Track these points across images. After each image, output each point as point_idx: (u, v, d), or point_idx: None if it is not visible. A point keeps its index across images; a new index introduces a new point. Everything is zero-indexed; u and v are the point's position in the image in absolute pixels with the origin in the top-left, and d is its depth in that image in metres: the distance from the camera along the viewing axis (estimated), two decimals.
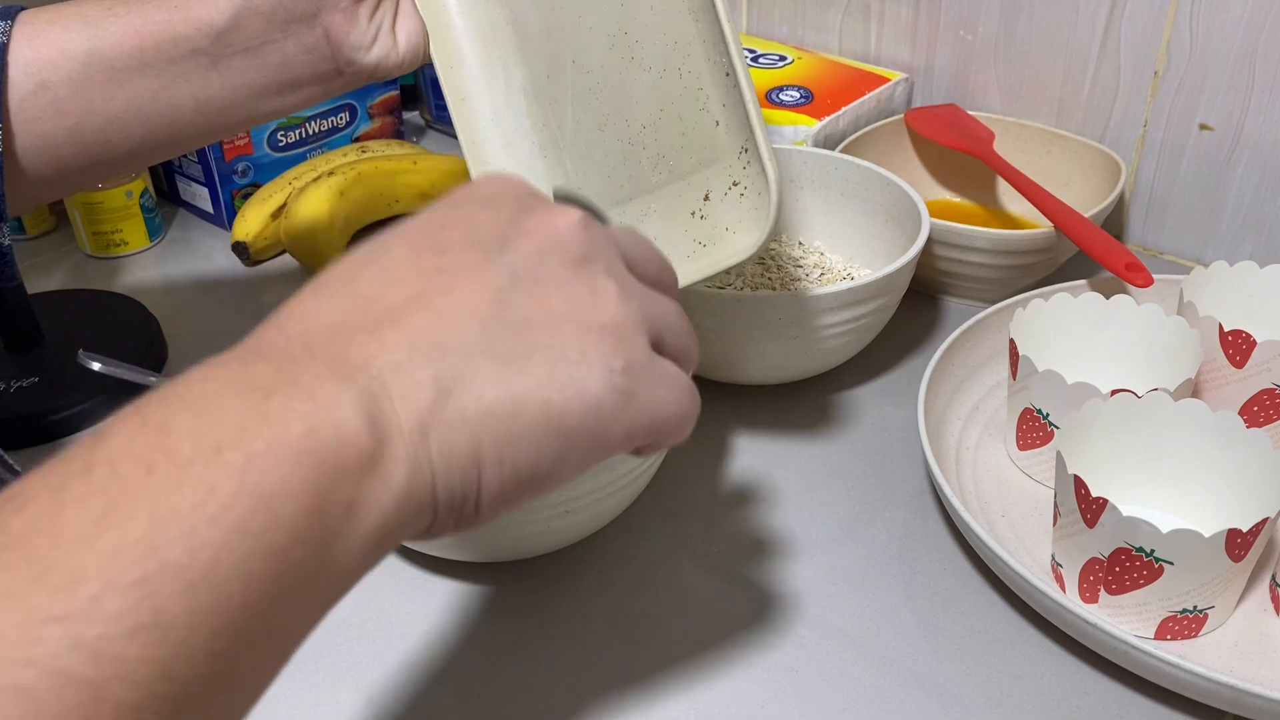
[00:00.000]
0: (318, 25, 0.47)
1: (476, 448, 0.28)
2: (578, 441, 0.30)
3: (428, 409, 0.27)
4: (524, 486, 0.30)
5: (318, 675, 0.46)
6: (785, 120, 0.75)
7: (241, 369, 0.26)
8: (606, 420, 0.30)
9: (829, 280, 0.67)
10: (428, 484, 0.27)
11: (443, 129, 0.94)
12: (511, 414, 0.28)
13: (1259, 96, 0.68)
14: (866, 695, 0.45)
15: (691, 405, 0.35)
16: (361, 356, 0.27)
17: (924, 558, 0.52)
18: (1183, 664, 0.42)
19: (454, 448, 0.28)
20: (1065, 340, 0.57)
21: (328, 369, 0.26)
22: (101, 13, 0.47)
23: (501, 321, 0.29)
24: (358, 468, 0.25)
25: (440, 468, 0.27)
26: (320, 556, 0.25)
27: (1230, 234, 0.73)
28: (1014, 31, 0.76)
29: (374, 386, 0.27)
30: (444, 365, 0.28)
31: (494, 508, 0.29)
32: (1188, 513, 0.50)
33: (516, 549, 0.48)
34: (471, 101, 0.49)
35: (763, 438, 0.59)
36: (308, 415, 0.25)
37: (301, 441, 0.24)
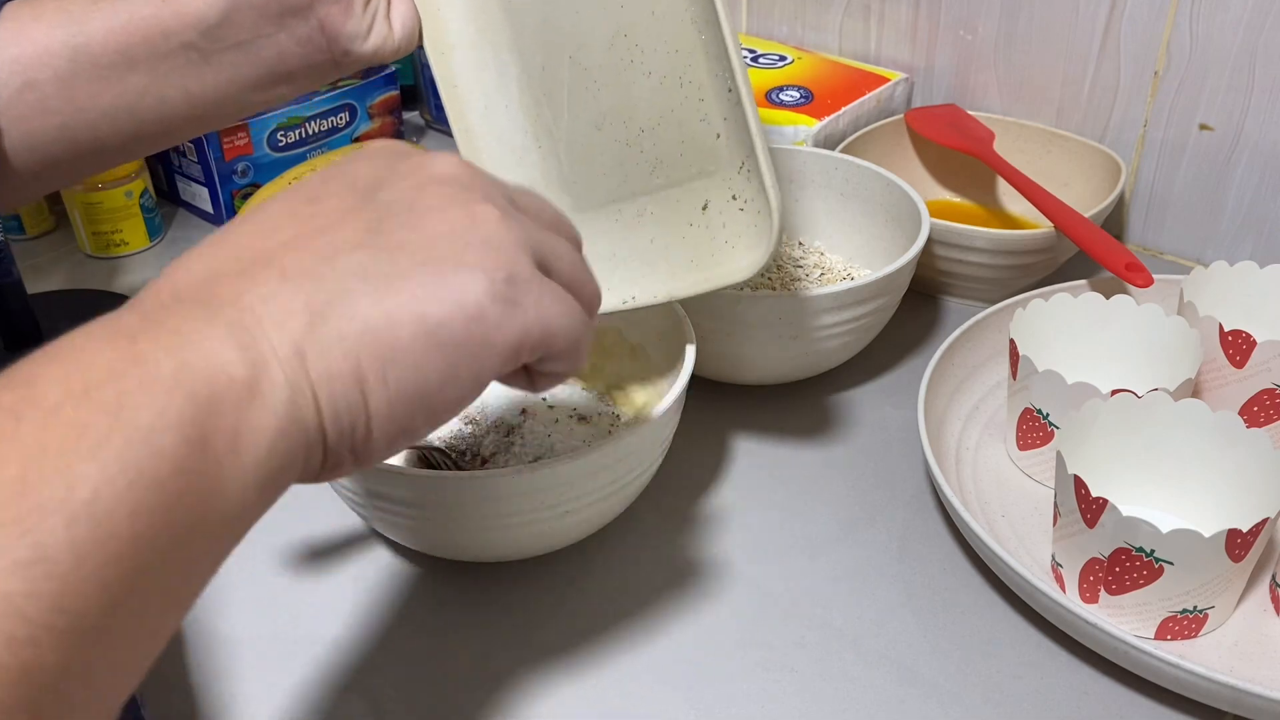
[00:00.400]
0: (312, 17, 0.46)
1: (356, 367, 0.28)
2: (464, 353, 0.29)
3: (301, 333, 0.27)
4: (414, 406, 0.29)
5: (316, 674, 0.46)
6: (785, 120, 0.75)
7: (109, 322, 0.25)
8: (490, 328, 0.30)
9: (829, 280, 0.67)
10: (311, 409, 0.27)
11: (443, 129, 0.94)
12: (388, 329, 0.28)
13: (1259, 96, 0.68)
14: (866, 695, 0.45)
15: (583, 327, 0.33)
16: (231, 294, 0.27)
17: (924, 558, 0.52)
18: (1183, 664, 0.42)
19: (333, 369, 0.27)
20: (1065, 340, 0.57)
21: (196, 310, 0.26)
22: (85, 6, 0.45)
23: (375, 247, 0.29)
24: (234, 396, 0.25)
25: (323, 391, 0.27)
26: (209, 487, 0.24)
27: (1230, 234, 0.73)
28: (1014, 31, 0.76)
29: (245, 318, 0.26)
30: (316, 291, 0.28)
31: (386, 433, 0.29)
32: (1188, 513, 0.50)
33: (517, 549, 0.48)
34: (463, 89, 0.49)
35: (763, 438, 0.59)
36: (175, 350, 0.25)
37: (174, 375, 0.24)
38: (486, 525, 0.45)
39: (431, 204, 0.31)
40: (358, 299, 0.28)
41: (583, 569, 0.51)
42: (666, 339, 0.55)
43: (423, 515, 0.46)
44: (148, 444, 0.23)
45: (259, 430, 0.26)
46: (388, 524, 0.48)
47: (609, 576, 0.51)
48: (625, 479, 0.47)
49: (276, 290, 0.27)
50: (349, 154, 0.34)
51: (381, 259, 0.29)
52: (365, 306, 0.28)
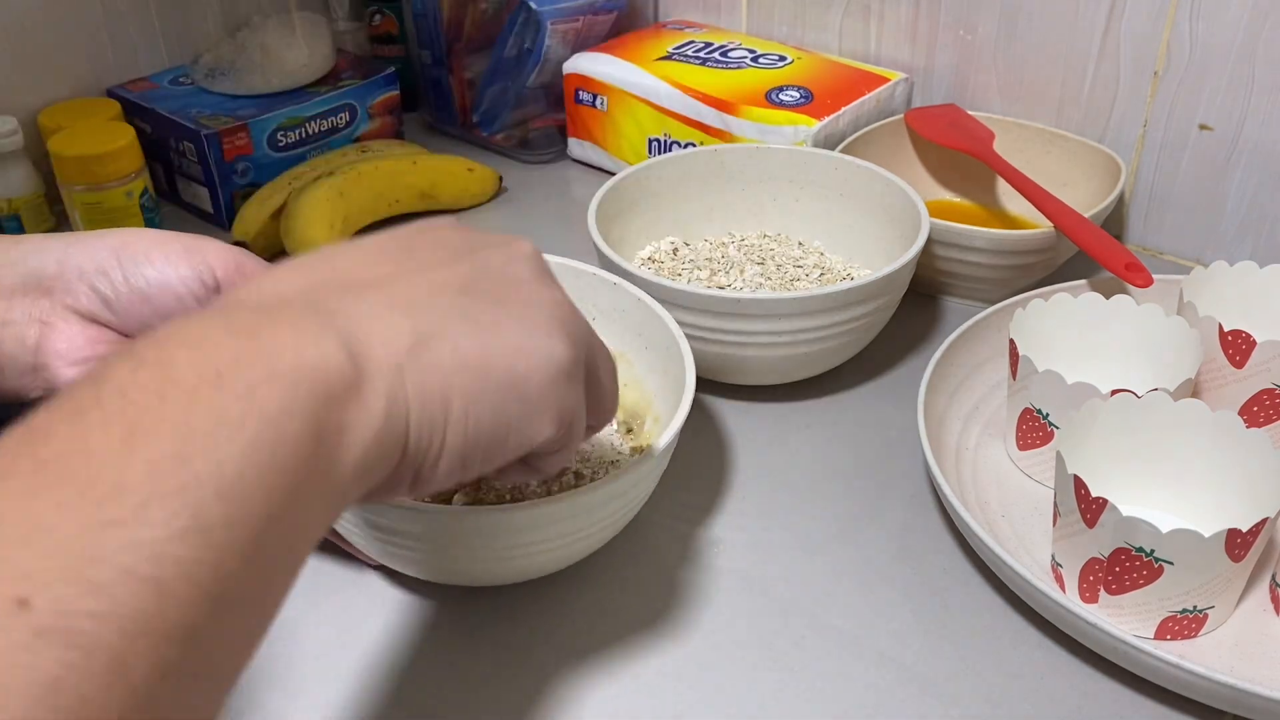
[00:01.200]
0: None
1: (446, 397, 0.30)
2: (534, 410, 0.32)
3: (404, 352, 0.29)
4: (480, 447, 0.31)
5: (322, 698, 0.46)
6: (785, 120, 0.75)
7: (222, 316, 0.27)
8: (559, 395, 0.33)
9: (829, 280, 0.67)
10: (403, 419, 0.29)
11: (443, 129, 0.94)
12: (482, 369, 0.30)
13: (1259, 96, 0.68)
14: (866, 695, 0.45)
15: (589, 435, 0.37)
16: (339, 306, 0.29)
17: (924, 558, 0.52)
18: (1183, 664, 0.42)
19: (428, 391, 0.29)
20: (1065, 340, 0.57)
21: (306, 315, 0.28)
22: None
23: (473, 294, 0.32)
24: (343, 395, 0.27)
25: (415, 407, 0.29)
26: (321, 475, 0.26)
27: (1230, 234, 0.73)
28: (1014, 31, 0.76)
29: (353, 328, 0.28)
30: (420, 319, 0.30)
31: (450, 465, 0.31)
32: (1188, 513, 0.50)
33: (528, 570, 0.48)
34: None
35: (762, 438, 0.59)
36: (294, 348, 0.26)
37: (293, 370, 0.26)
38: (480, 557, 0.45)
39: (522, 275, 0.34)
40: (458, 336, 0.30)
41: (582, 571, 0.51)
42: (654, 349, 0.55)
43: (418, 546, 0.45)
44: (276, 431, 0.25)
45: (361, 429, 0.27)
46: (382, 551, 0.47)
47: (608, 576, 0.51)
48: (623, 511, 0.47)
49: (383, 312, 0.29)
50: (430, 221, 0.36)
51: (481, 307, 0.32)
52: (465, 344, 0.30)
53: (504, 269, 0.34)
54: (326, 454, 0.26)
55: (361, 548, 0.48)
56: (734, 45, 0.84)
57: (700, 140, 0.78)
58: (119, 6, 0.84)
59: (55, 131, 0.76)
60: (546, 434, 0.33)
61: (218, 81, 0.83)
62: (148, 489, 0.22)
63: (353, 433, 0.27)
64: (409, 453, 0.30)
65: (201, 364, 0.25)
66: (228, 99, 0.82)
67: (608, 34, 0.90)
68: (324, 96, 0.83)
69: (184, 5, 0.85)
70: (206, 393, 0.24)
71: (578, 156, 0.89)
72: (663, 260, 0.69)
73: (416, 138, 0.93)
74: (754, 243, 0.71)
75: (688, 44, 0.85)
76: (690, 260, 0.69)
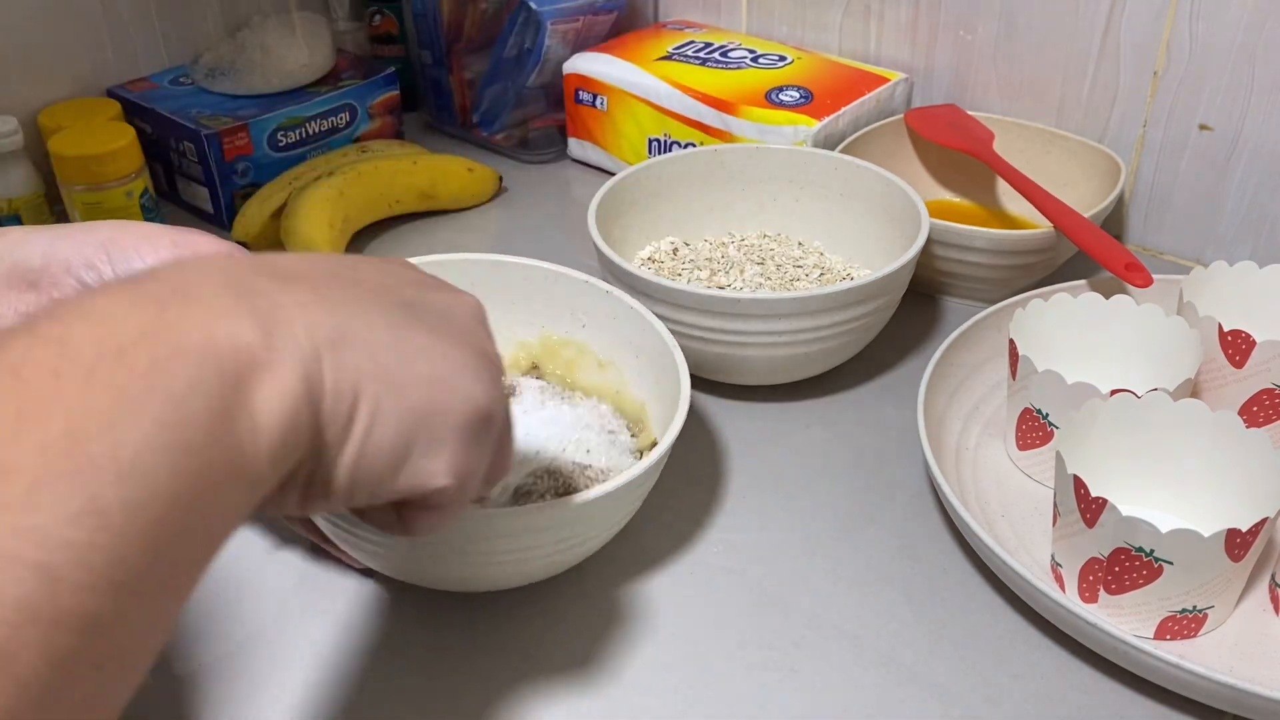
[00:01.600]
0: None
1: (357, 399, 0.28)
2: (440, 448, 0.31)
3: (325, 343, 0.28)
4: (374, 471, 0.29)
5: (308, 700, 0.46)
6: (785, 120, 0.75)
7: (132, 286, 0.26)
8: (467, 441, 0.31)
9: (829, 280, 0.67)
10: (317, 403, 0.27)
11: (443, 129, 0.94)
12: (397, 388, 0.29)
13: (1259, 96, 0.68)
14: (866, 695, 0.45)
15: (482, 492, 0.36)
16: (265, 290, 0.27)
17: (924, 558, 0.52)
18: (1182, 664, 0.42)
19: (340, 387, 0.28)
20: (1065, 340, 0.57)
21: (223, 292, 0.26)
22: None
23: (407, 317, 0.31)
24: (253, 372, 0.26)
25: (328, 397, 0.28)
26: (232, 458, 0.25)
27: (1230, 234, 0.73)
28: (1014, 31, 0.76)
29: (274, 311, 0.27)
30: (345, 321, 0.29)
31: (341, 481, 0.29)
32: (1188, 513, 0.50)
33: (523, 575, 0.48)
34: None
35: (762, 438, 0.59)
36: (204, 324, 0.25)
37: (202, 346, 0.25)
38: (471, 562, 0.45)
39: (462, 319, 0.33)
40: (380, 346, 0.29)
41: (580, 569, 0.51)
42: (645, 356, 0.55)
43: (410, 551, 0.45)
44: (181, 410, 0.23)
45: (275, 410, 0.26)
46: (366, 554, 0.47)
47: (607, 576, 0.51)
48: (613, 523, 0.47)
49: (308, 301, 0.28)
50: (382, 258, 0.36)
51: (412, 332, 0.31)
52: (385, 356, 0.29)
53: (445, 308, 0.33)
54: (237, 435, 0.25)
55: (350, 552, 0.48)
56: (734, 45, 0.84)
57: (700, 140, 0.78)
58: (119, 6, 0.84)
59: (55, 131, 0.76)
60: (440, 480, 0.31)
61: (218, 81, 0.83)
62: (38, 472, 0.21)
63: (267, 412, 0.26)
64: (314, 445, 0.28)
65: (103, 339, 0.23)
66: (228, 99, 0.82)
67: (608, 34, 0.90)
68: (324, 96, 0.83)
69: (184, 5, 0.85)
70: (106, 369, 0.23)
71: (578, 156, 0.89)
72: (663, 260, 0.69)
73: (416, 138, 0.93)
74: (754, 243, 0.71)
75: (688, 44, 0.85)
76: (690, 260, 0.69)
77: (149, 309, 0.25)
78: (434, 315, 0.32)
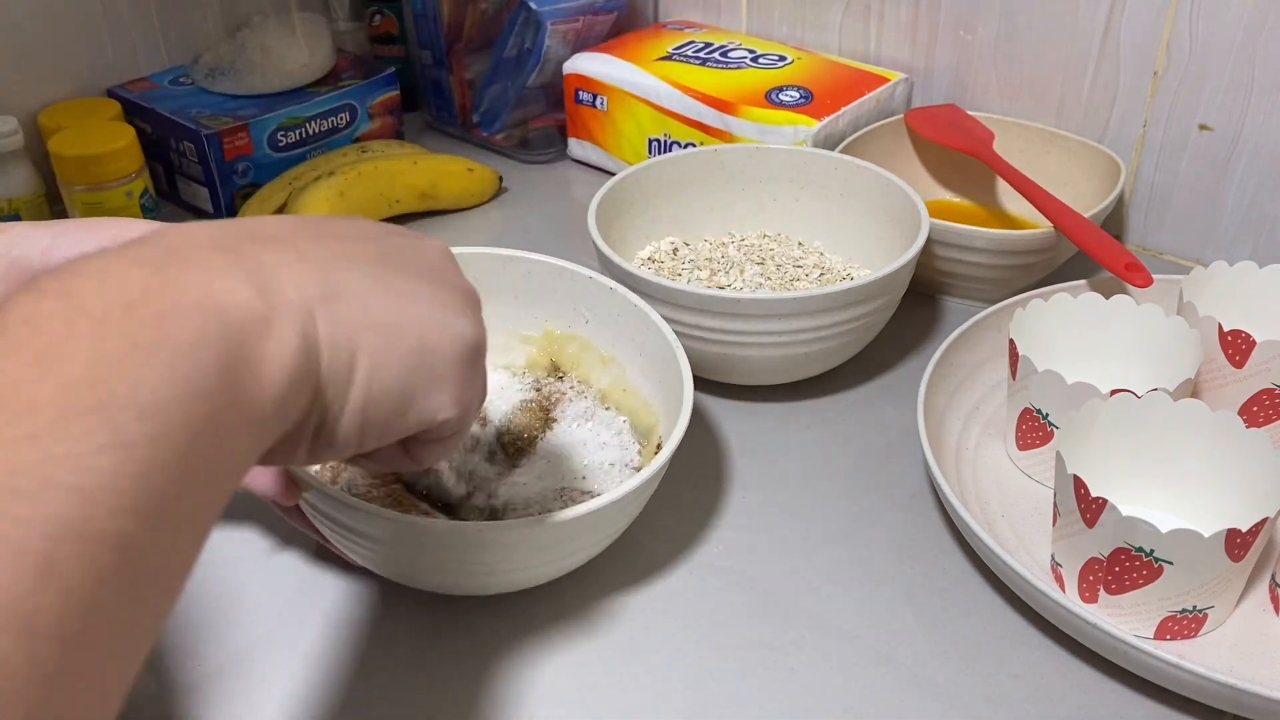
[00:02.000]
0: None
1: (354, 351, 0.29)
2: (438, 385, 0.32)
3: (316, 300, 0.29)
4: (380, 415, 0.31)
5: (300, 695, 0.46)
6: (785, 120, 0.75)
7: (127, 249, 0.26)
8: (463, 374, 0.33)
9: (829, 280, 0.67)
10: (316, 358, 0.28)
11: (443, 129, 0.94)
12: (392, 334, 0.30)
13: (1259, 96, 0.68)
14: (866, 695, 0.45)
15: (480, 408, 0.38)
16: (251, 252, 0.28)
17: (924, 558, 0.52)
18: (1182, 664, 0.42)
19: (336, 340, 0.29)
20: (1065, 340, 0.57)
21: (214, 255, 0.27)
22: None
23: (387, 265, 0.32)
24: (254, 331, 0.26)
25: (325, 351, 0.29)
26: (239, 407, 0.26)
27: (1230, 234, 0.73)
28: (1014, 31, 0.76)
29: (264, 271, 0.28)
30: (332, 276, 0.30)
31: (350, 427, 0.30)
32: (1188, 513, 0.50)
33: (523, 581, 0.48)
34: None
35: (763, 438, 0.59)
36: (202, 284, 0.26)
37: (202, 303, 0.25)
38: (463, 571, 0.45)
39: (434, 259, 0.35)
40: (369, 296, 0.30)
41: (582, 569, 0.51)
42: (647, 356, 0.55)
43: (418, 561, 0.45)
44: (190, 359, 0.24)
45: (278, 361, 0.27)
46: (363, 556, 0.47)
47: (607, 576, 0.51)
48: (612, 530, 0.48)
49: (294, 261, 0.29)
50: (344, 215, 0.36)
51: (395, 277, 0.32)
52: (376, 304, 0.30)
53: (417, 252, 0.34)
54: (244, 384, 0.26)
55: (347, 554, 0.48)
56: (734, 45, 0.84)
57: (700, 140, 0.78)
58: (119, 6, 0.84)
59: (55, 131, 0.76)
60: (446, 414, 0.33)
61: (218, 81, 0.83)
62: (62, 406, 0.22)
63: (269, 365, 0.27)
64: (316, 403, 0.29)
65: (109, 295, 0.24)
66: (228, 99, 0.82)
67: (608, 34, 0.90)
68: (324, 96, 0.83)
69: (184, 5, 0.85)
70: (115, 322, 0.24)
71: (578, 156, 0.89)
72: (663, 260, 0.69)
73: (416, 138, 0.93)
74: (754, 243, 0.71)
75: (688, 44, 0.85)
76: (690, 260, 0.69)
77: (147, 269, 0.25)
78: (409, 260, 0.33)
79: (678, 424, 0.48)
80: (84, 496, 0.21)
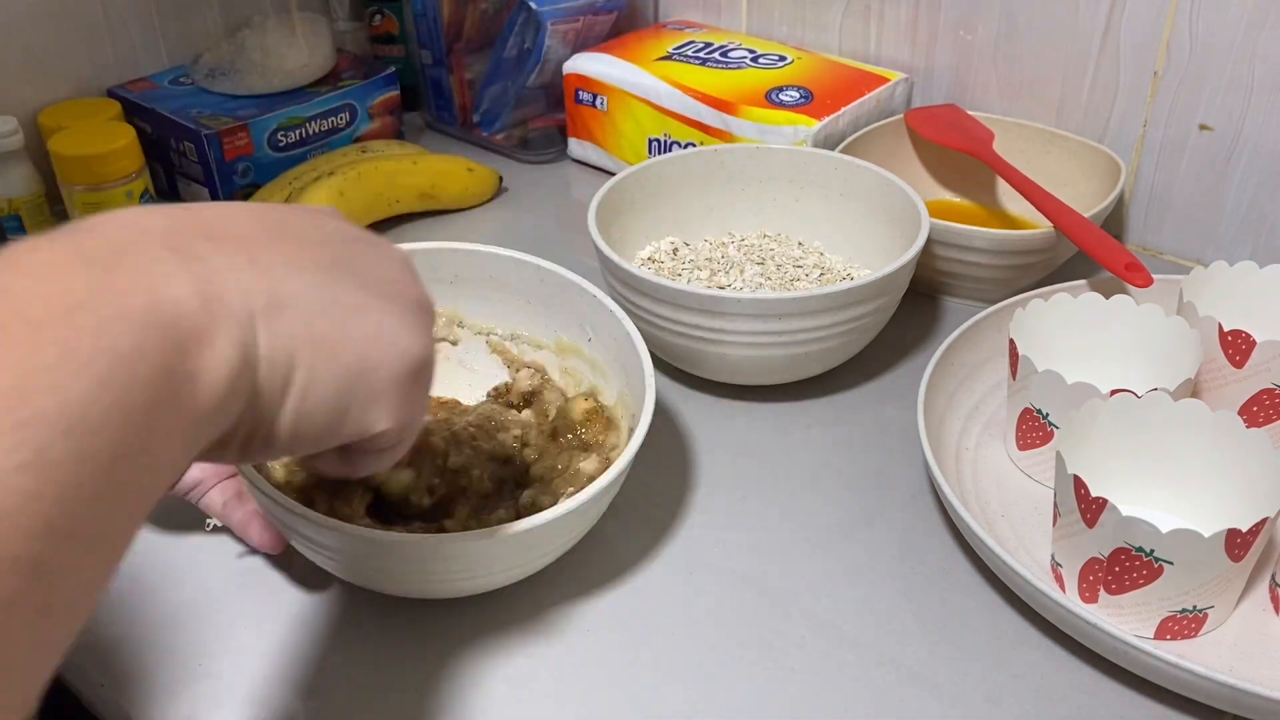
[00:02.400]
0: None
1: (291, 365, 0.29)
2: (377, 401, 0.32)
3: (260, 310, 0.29)
4: (314, 427, 0.31)
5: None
6: (785, 120, 0.75)
7: (73, 243, 0.26)
8: (404, 391, 0.33)
9: (829, 280, 0.67)
10: (252, 369, 0.28)
11: (443, 129, 0.94)
12: (332, 350, 0.30)
13: (1259, 96, 0.68)
14: (866, 695, 0.45)
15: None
16: (200, 251, 0.28)
17: (924, 558, 0.52)
18: (1182, 664, 0.42)
19: (275, 355, 0.29)
20: (1065, 340, 0.57)
21: (164, 254, 0.27)
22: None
23: (338, 274, 0.32)
24: (194, 340, 0.26)
25: (263, 364, 0.29)
26: (173, 419, 0.26)
27: (1230, 234, 0.73)
28: (1014, 31, 0.76)
29: (211, 276, 0.27)
30: (278, 284, 0.29)
31: (283, 437, 0.30)
32: (1188, 513, 0.50)
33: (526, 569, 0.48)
34: None
35: (763, 438, 0.59)
36: (147, 288, 0.26)
37: (146, 310, 0.25)
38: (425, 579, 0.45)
39: (392, 271, 0.34)
40: (313, 309, 0.30)
41: (580, 568, 0.51)
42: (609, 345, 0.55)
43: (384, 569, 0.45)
44: (127, 370, 0.24)
45: (214, 373, 0.27)
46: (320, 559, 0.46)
47: (607, 576, 0.51)
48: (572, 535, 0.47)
49: (243, 265, 0.29)
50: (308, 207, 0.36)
51: (344, 288, 0.31)
52: (319, 319, 0.30)
53: (375, 261, 0.34)
54: (179, 398, 0.26)
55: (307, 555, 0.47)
56: (734, 45, 0.84)
57: (700, 140, 0.78)
58: (119, 7, 0.84)
59: (55, 131, 0.76)
60: (382, 427, 0.33)
61: (218, 82, 0.83)
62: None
63: (205, 376, 0.26)
64: (253, 406, 0.29)
65: (50, 297, 0.24)
66: (228, 99, 0.82)
67: (608, 34, 0.90)
68: (324, 96, 0.83)
69: (184, 5, 0.85)
70: (54, 328, 0.23)
71: (578, 156, 0.89)
72: (663, 260, 0.69)
73: (416, 138, 0.93)
74: (754, 243, 0.71)
75: (688, 44, 0.85)
76: (690, 260, 0.69)
77: (94, 270, 0.25)
78: (363, 269, 0.33)
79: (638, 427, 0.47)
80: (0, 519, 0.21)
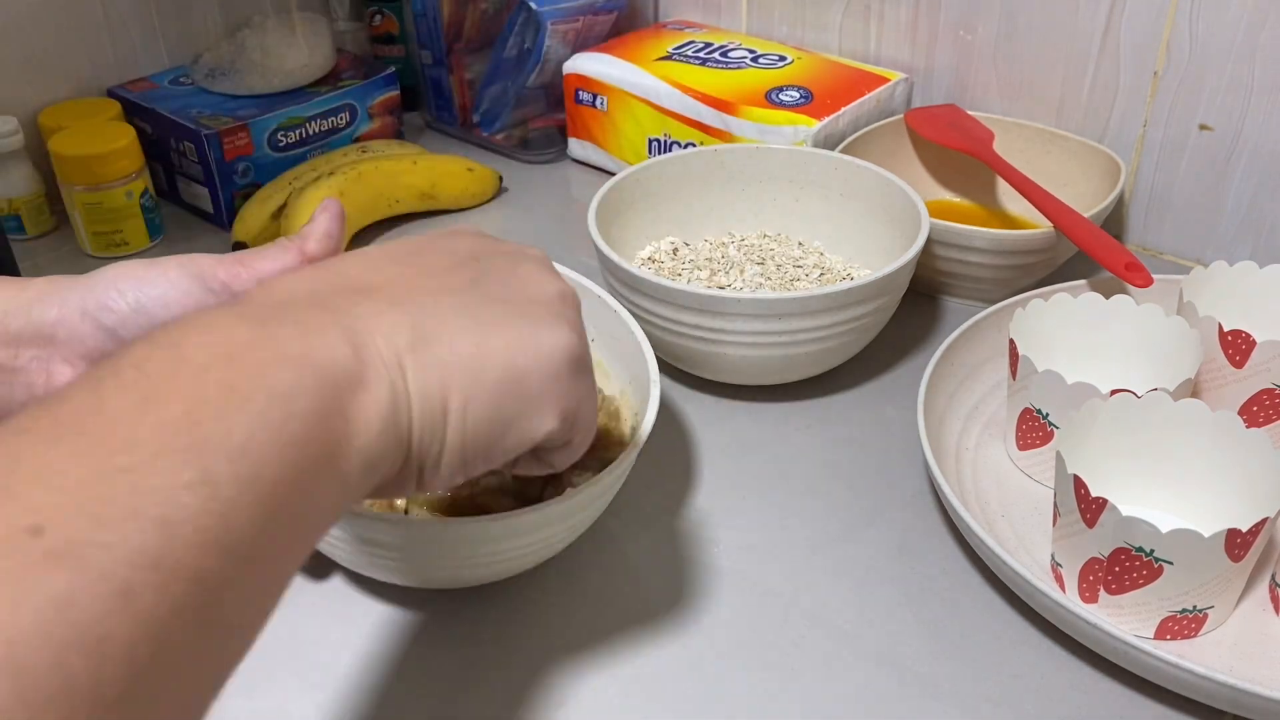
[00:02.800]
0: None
1: (444, 395, 0.31)
2: (534, 405, 0.33)
3: (405, 348, 0.30)
4: (481, 444, 0.32)
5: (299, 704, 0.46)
6: (785, 120, 0.75)
7: (233, 309, 0.29)
8: (561, 390, 0.34)
9: (829, 280, 0.67)
10: (405, 415, 0.30)
11: (443, 129, 0.94)
12: (480, 367, 0.32)
13: (1259, 96, 0.68)
14: (866, 695, 0.45)
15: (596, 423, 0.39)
16: (344, 305, 0.30)
17: (924, 558, 0.52)
18: (1182, 664, 0.42)
19: (427, 388, 0.30)
20: (1065, 340, 0.57)
21: (312, 310, 0.29)
22: None
23: (478, 294, 0.33)
24: (348, 385, 0.28)
25: (416, 403, 0.30)
26: (329, 459, 0.27)
27: (1230, 234, 0.73)
28: (1014, 31, 0.76)
29: (356, 325, 0.30)
30: (421, 318, 0.31)
31: (451, 464, 0.32)
32: (1188, 513, 0.50)
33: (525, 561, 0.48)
34: None
35: (763, 438, 0.59)
36: (300, 337, 0.28)
37: (301, 356, 0.27)
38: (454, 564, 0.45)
39: (527, 275, 0.36)
40: (458, 334, 0.31)
41: (580, 567, 0.51)
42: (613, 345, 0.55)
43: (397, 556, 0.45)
44: (285, 407, 0.26)
45: (366, 420, 0.28)
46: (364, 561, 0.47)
47: (607, 575, 0.51)
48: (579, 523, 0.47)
49: (385, 309, 0.31)
50: (444, 231, 0.38)
51: (483, 307, 0.33)
52: (461, 341, 0.31)
53: (510, 270, 0.35)
54: (334, 438, 0.27)
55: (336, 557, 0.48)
56: (734, 45, 0.84)
57: (700, 140, 0.78)
58: (119, 6, 0.84)
59: (55, 131, 0.76)
60: (548, 428, 0.34)
61: (218, 81, 0.83)
62: (158, 444, 0.23)
63: (358, 422, 0.28)
64: (412, 451, 0.31)
65: (214, 345, 0.26)
66: (228, 99, 0.82)
67: (608, 34, 0.90)
68: (324, 96, 0.83)
69: (184, 5, 0.85)
70: (218, 370, 0.26)
71: (578, 156, 0.89)
72: (663, 260, 0.69)
73: (416, 138, 0.93)
74: (754, 243, 0.71)
75: (688, 44, 0.85)
76: (690, 260, 0.69)
77: (250, 323, 0.27)
78: (498, 282, 0.34)
79: (645, 418, 0.48)
80: (167, 530, 0.22)
